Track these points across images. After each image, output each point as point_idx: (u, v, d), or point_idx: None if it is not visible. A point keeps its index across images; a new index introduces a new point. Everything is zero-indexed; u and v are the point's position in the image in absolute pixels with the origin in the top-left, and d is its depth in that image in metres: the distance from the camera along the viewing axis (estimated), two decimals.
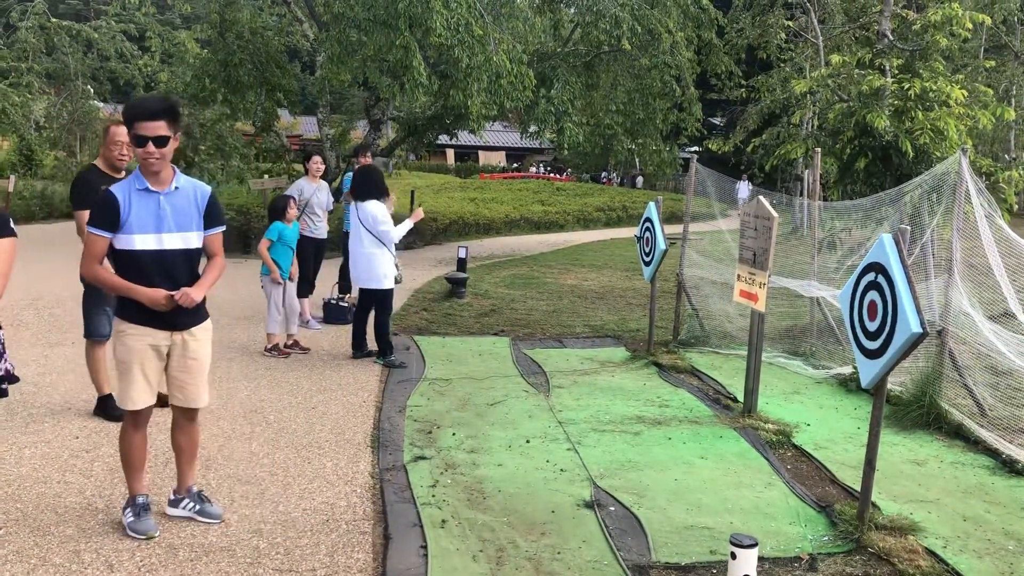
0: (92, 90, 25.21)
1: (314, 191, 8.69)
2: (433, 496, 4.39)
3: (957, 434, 5.62)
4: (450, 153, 49.25)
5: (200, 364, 3.89)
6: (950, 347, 5.92)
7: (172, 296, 3.63)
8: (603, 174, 43.93)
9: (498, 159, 50.11)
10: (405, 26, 11.47)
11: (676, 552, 3.85)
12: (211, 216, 3.83)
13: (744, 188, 23.77)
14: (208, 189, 3.87)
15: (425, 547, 3.81)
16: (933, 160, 7.73)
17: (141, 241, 3.64)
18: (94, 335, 5.45)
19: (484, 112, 12.37)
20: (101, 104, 25.90)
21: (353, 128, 22.94)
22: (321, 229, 8.83)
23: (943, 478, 4.91)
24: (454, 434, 5.41)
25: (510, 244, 18.27)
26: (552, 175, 41.52)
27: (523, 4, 14.61)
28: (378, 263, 7.05)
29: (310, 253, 8.72)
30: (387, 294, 7.16)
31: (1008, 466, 5.08)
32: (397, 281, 7.17)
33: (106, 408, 5.45)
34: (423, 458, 4.96)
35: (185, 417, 3.98)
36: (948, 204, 6.14)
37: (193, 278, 3.79)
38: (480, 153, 49.53)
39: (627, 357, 7.74)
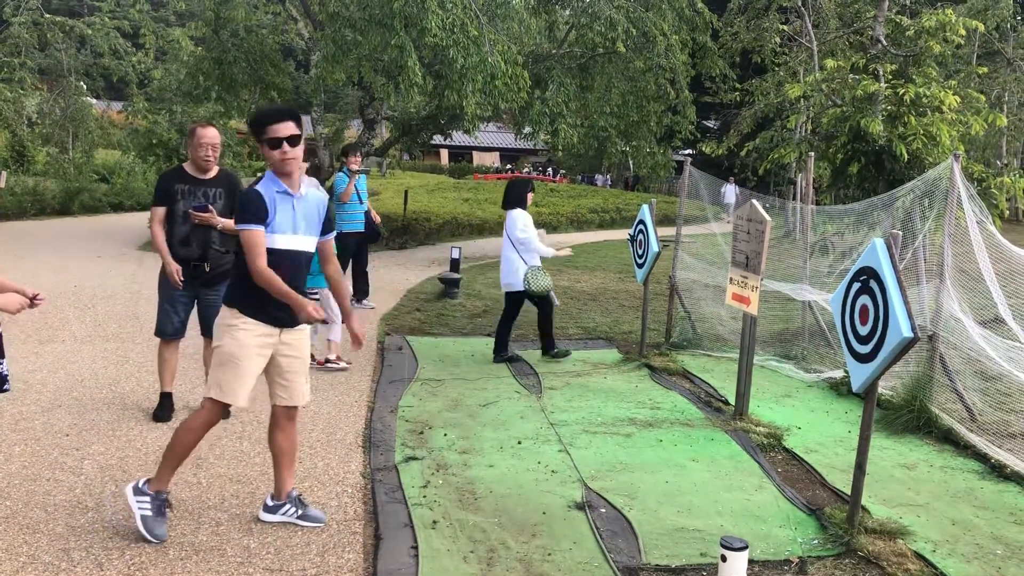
0: (85, 86, 25.12)
1: None
2: (424, 497, 4.39)
3: (947, 438, 5.64)
4: (444, 153, 49.34)
5: (303, 361, 3.95)
6: (941, 352, 5.94)
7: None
8: (596, 177, 43.85)
9: (492, 160, 50.19)
10: (400, 26, 11.47)
11: (667, 554, 3.86)
12: (328, 222, 3.99)
13: (730, 191, 23.44)
14: (326, 196, 4.00)
15: (416, 547, 3.80)
16: (925, 165, 7.77)
17: (283, 241, 3.74)
18: (158, 334, 5.49)
19: (479, 113, 12.39)
20: (94, 101, 25.82)
21: (347, 127, 22.93)
22: None
23: (932, 482, 4.93)
24: (446, 435, 5.41)
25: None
26: (543, 176, 41.54)
27: (518, 5, 14.60)
28: (517, 267, 7.40)
29: None
30: (521, 297, 7.47)
31: (997, 471, 5.10)
32: (544, 292, 7.41)
33: (161, 404, 5.49)
34: (414, 459, 4.95)
35: (287, 417, 3.99)
36: (940, 209, 6.17)
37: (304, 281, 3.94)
38: (474, 154, 49.62)
39: (619, 359, 7.75)
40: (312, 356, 7.08)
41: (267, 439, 4.09)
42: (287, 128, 3.66)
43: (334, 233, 4.06)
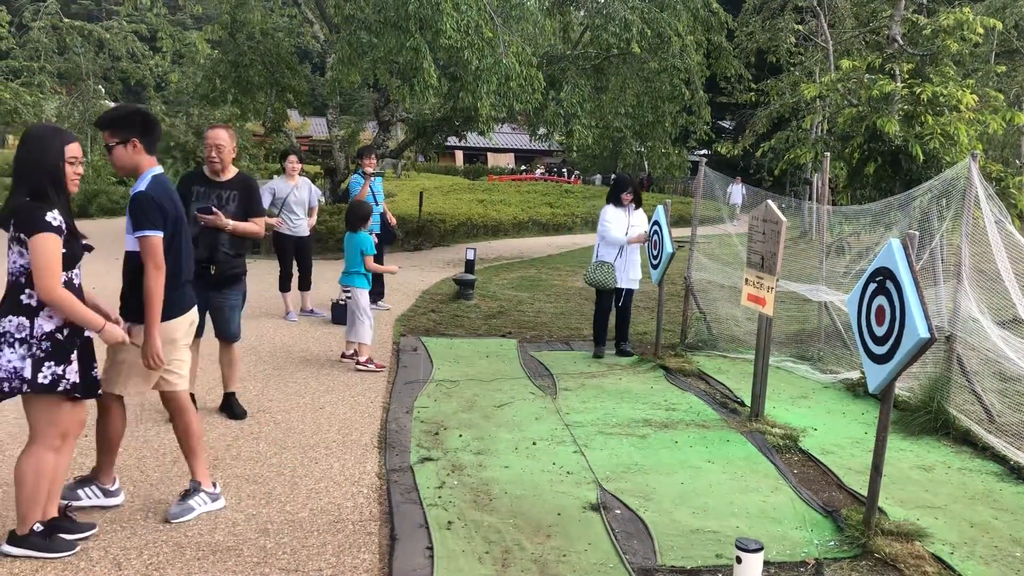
0: (103, 90, 25.32)
1: (290, 190, 8.86)
2: (439, 497, 4.40)
3: (965, 440, 5.60)
4: (459, 155, 49.42)
5: (119, 353, 3.92)
6: (958, 353, 5.90)
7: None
8: (595, 177, 43.88)
9: (507, 161, 50.22)
10: (415, 28, 11.50)
11: (682, 556, 3.85)
12: (133, 218, 3.81)
13: (737, 191, 22.74)
14: (135, 190, 3.83)
15: (431, 548, 3.82)
16: (943, 165, 7.71)
17: None
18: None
19: (493, 114, 12.41)
20: (112, 104, 26.01)
21: (363, 129, 23.02)
22: (300, 227, 8.99)
23: (950, 484, 4.89)
24: (461, 436, 5.42)
25: (518, 246, 18.27)
26: (559, 177, 41.55)
27: (533, 7, 14.62)
28: (592, 259, 7.95)
29: (290, 250, 8.97)
30: (597, 290, 7.89)
31: (1016, 473, 5.06)
32: (599, 286, 7.77)
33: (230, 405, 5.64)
34: (430, 459, 4.97)
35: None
36: (957, 209, 6.12)
37: (132, 284, 3.88)
38: (489, 155, 49.68)
39: (634, 360, 7.73)
40: (345, 353, 7.31)
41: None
42: (105, 136, 3.79)
43: (147, 233, 3.76)
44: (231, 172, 5.41)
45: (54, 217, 3.36)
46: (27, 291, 3.41)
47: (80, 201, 19.22)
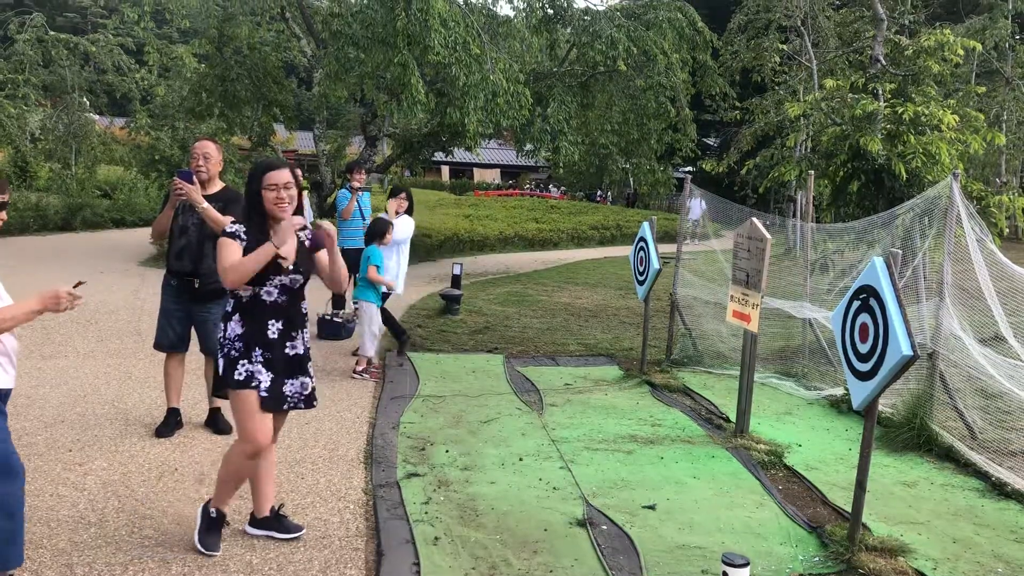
0: (88, 103, 25.22)
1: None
2: (426, 513, 4.40)
3: (947, 456, 5.65)
4: (445, 170, 49.52)
5: None
6: (941, 370, 5.96)
7: None
8: (598, 193, 44.31)
9: (493, 176, 50.37)
10: (403, 44, 11.56)
11: (668, 571, 3.86)
12: None
13: (696, 208, 21.98)
14: None
15: (418, 564, 3.81)
16: (925, 184, 7.82)
17: None
18: (156, 346, 5.54)
19: (480, 130, 12.45)
20: (97, 117, 25.91)
21: (349, 144, 23.03)
22: None
23: (933, 500, 4.94)
24: (447, 451, 5.42)
25: (504, 261, 18.31)
26: (544, 193, 41.73)
27: (520, 24, 14.72)
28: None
29: None
30: None
31: (997, 489, 5.11)
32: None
33: (165, 419, 5.54)
34: (416, 475, 4.96)
35: None
36: (939, 228, 6.20)
37: None
38: (475, 170, 49.81)
39: (620, 376, 7.76)
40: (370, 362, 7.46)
41: None
42: None
43: None
44: (217, 185, 5.39)
45: (233, 226, 3.74)
46: (224, 298, 3.78)
47: (64, 215, 19.12)
